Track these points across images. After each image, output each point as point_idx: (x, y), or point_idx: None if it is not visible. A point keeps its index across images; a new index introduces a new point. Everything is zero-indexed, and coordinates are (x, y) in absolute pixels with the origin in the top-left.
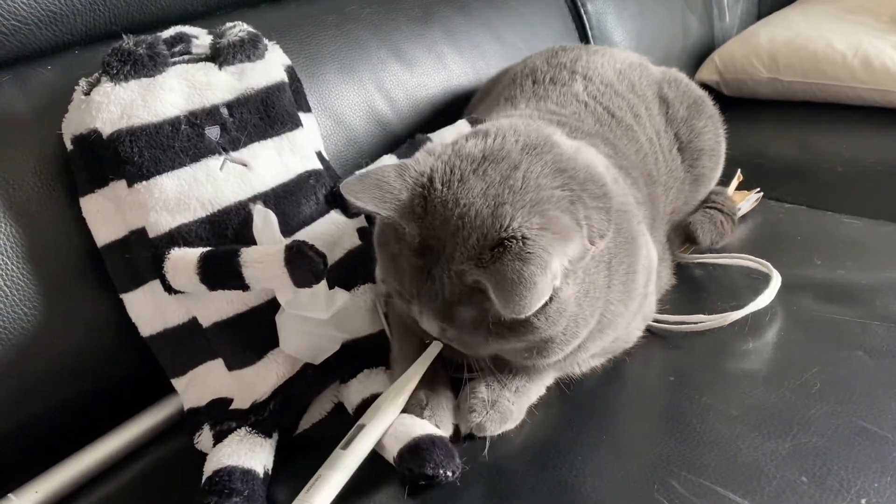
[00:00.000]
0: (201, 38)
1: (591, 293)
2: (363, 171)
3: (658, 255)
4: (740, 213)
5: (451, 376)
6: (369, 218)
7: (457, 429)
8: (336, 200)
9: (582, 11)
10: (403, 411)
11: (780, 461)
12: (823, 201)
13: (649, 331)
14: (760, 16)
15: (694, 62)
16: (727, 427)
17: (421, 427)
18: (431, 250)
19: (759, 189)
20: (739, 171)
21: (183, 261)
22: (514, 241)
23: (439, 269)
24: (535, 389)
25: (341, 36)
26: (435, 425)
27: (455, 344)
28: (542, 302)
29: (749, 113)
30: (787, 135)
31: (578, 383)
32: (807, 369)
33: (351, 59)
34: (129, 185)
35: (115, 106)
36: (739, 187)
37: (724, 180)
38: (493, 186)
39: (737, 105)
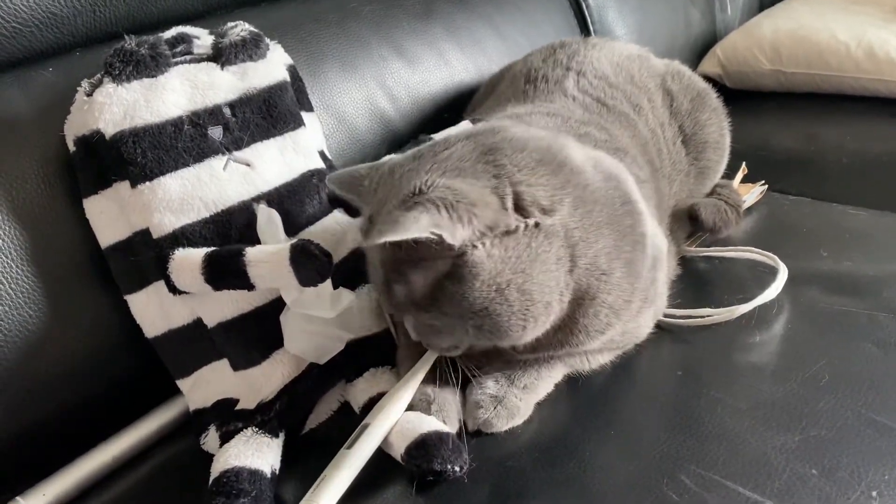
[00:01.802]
0: (203, 39)
1: (539, 263)
2: (347, 171)
3: None
4: (745, 206)
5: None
6: None
7: (464, 425)
8: (339, 199)
9: (583, 5)
10: (410, 408)
11: (789, 454)
12: (828, 193)
13: (657, 325)
14: (762, 7)
15: (696, 55)
16: (736, 421)
17: (428, 423)
18: (372, 227)
19: (763, 182)
20: (744, 163)
21: (187, 261)
22: (413, 195)
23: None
24: (544, 386)
25: (342, 34)
26: (442, 421)
27: (418, 336)
28: (400, 237)
29: (752, 105)
30: (791, 127)
31: (586, 379)
32: (815, 362)
33: (352, 56)
34: (133, 185)
35: (117, 106)
36: (744, 180)
37: (729, 173)
38: (424, 165)
39: (740, 97)
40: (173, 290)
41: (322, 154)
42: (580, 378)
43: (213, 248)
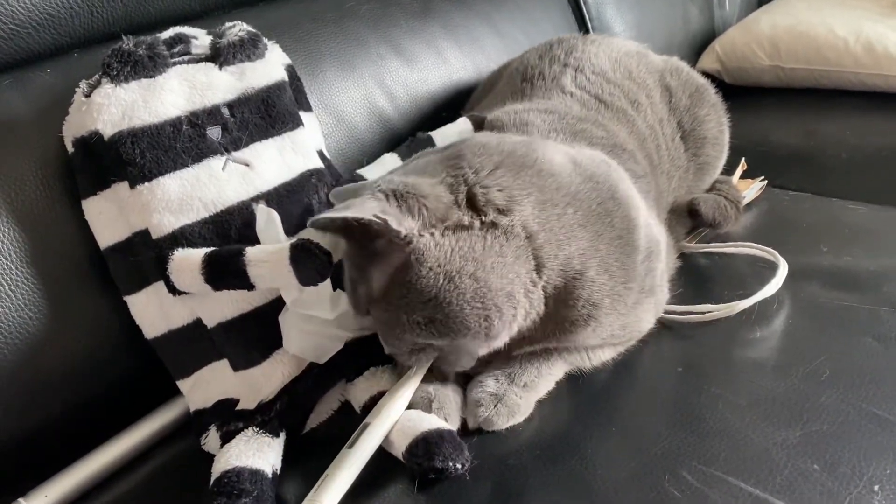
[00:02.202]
0: (201, 39)
1: (493, 258)
2: (351, 185)
3: None
4: (745, 202)
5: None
6: None
7: (465, 423)
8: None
9: (581, 3)
10: (411, 406)
11: (791, 450)
12: (828, 188)
13: (658, 321)
14: (760, 3)
15: (695, 51)
16: (737, 416)
17: (429, 421)
18: None
19: (763, 177)
20: (744, 159)
21: (187, 261)
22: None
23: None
24: (544, 384)
25: (340, 33)
26: (443, 419)
27: (380, 335)
28: (345, 215)
29: (751, 101)
30: (791, 122)
31: (587, 377)
32: (816, 357)
33: (350, 55)
34: (132, 186)
35: (115, 107)
36: (744, 176)
37: (728, 169)
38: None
39: (739, 93)
40: (173, 290)
41: (321, 153)
42: (581, 376)
43: (212, 249)
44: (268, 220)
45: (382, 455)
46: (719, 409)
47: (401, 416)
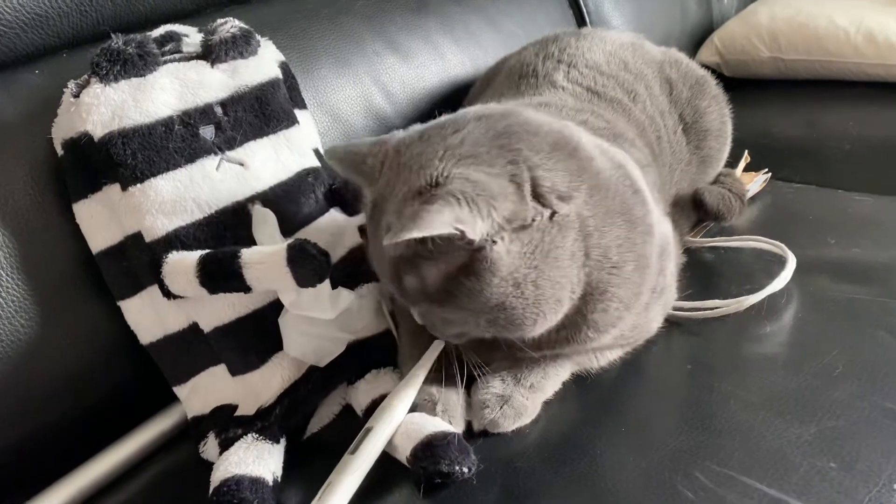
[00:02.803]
0: (192, 37)
1: (552, 258)
2: (352, 144)
3: None
4: (749, 195)
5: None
6: None
7: (470, 426)
8: (336, 198)
9: None
10: (414, 409)
11: (806, 448)
12: (832, 180)
13: (665, 319)
14: None
15: (693, 44)
16: (749, 414)
17: (433, 424)
18: (379, 214)
19: (766, 170)
20: (747, 152)
21: (182, 264)
22: (430, 186)
23: (381, 232)
24: (551, 385)
25: (334, 29)
26: (448, 422)
27: (424, 322)
28: (423, 233)
29: (752, 93)
30: (792, 114)
31: (595, 377)
32: (828, 352)
33: (345, 52)
34: (124, 188)
35: (105, 107)
36: (747, 168)
37: (732, 162)
38: (435, 148)
39: (739, 86)
40: (168, 294)
41: (317, 152)
42: (588, 375)
43: (207, 251)
44: (264, 221)
45: (386, 460)
46: (731, 407)
47: (404, 419)
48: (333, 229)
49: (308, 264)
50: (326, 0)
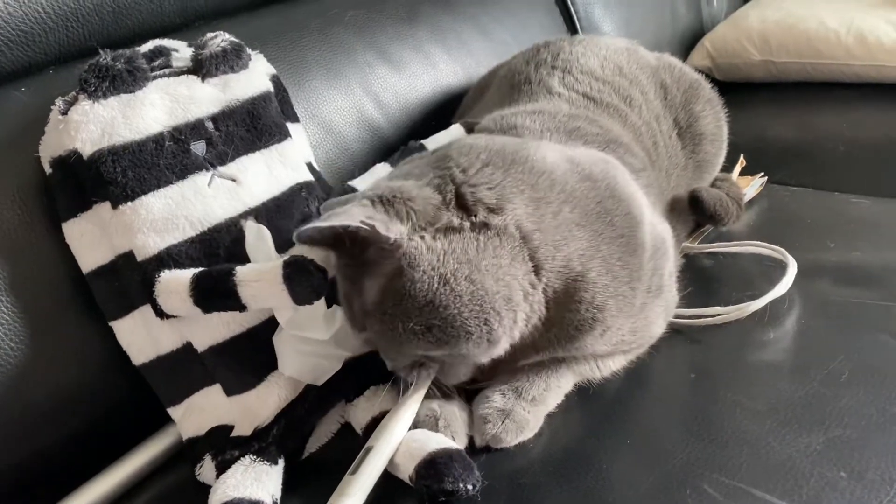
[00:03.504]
0: (182, 51)
1: (488, 259)
2: (342, 197)
3: None
4: (746, 199)
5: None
6: None
7: (472, 441)
8: None
9: (569, 3)
10: (416, 425)
11: (815, 457)
12: (828, 182)
13: (667, 326)
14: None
15: (684, 48)
16: (756, 423)
17: (436, 441)
18: None
19: (762, 173)
20: (742, 156)
21: (174, 283)
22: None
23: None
24: (553, 397)
25: (325, 40)
26: (450, 438)
27: (379, 349)
28: (331, 223)
29: (744, 97)
30: (786, 117)
31: (597, 387)
32: (833, 357)
33: (337, 63)
34: (114, 206)
35: (94, 125)
36: (743, 172)
37: (727, 166)
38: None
39: (731, 89)
40: (160, 314)
41: (310, 166)
42: (591, 387)
43: (201, 269)
44: (258, 237)
45: (388, 479)
46: (737, 417)
47: (405, 436)
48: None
49: (305, 281)
50: (316, 11)
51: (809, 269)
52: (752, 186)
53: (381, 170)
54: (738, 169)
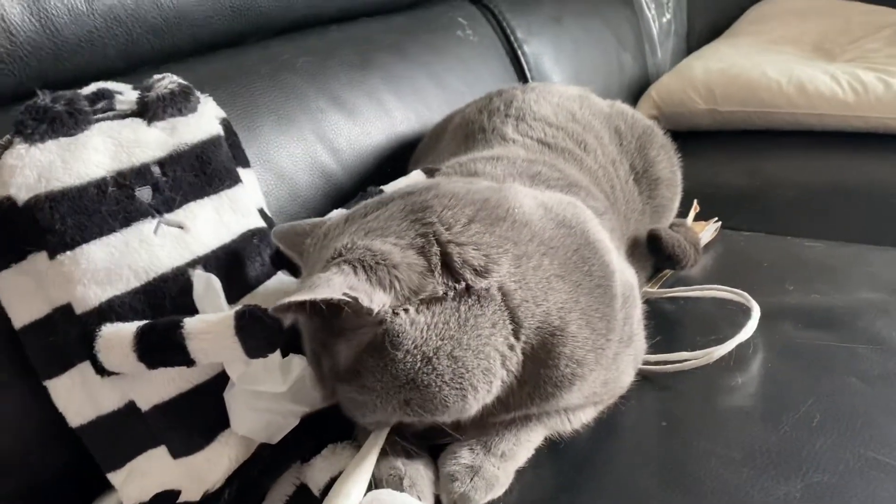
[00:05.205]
0: (126, 94)
1: (470, 330)
2: (296, 224)
3: None
4: (702, 244)
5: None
6: None
7: (438, 500)
8: (283, 261)
9: (520, 54)
10: (379, 485)
11: None
12: (779, 227)
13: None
14: (689, 50)
15: (632, 98)
16: (732, 472)
17: (402, 500)
18: None
19: (717, 218)
20: (696, 201)
21: (117, 338)
22: (332, 258)
23: None
24: (524, 451)
25: (277, 86)
26: (416, 497)
27: (344, 409)
28: (308, 297)
29: (692, 145)
30: (734, 164)
31: (568, 439)
32: (803, 401)
33: (288, 109)
34: (51, 256)
35: (30, 169)
36: (696, 218)
37: (682, 212)
38: (350, 227)
39: (679, 138)
40: (101, 371)
41: (262, 212)
42: (561, 440)
43: (145, 322)
44: (207, 287)
45: None
46: (713, 466)
47: (370, 497)
48: (282, 294)
49: (259, 333)
50: (267, 56)
51: (771, 313)
52: (706, 231)
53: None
54: (692, 214)
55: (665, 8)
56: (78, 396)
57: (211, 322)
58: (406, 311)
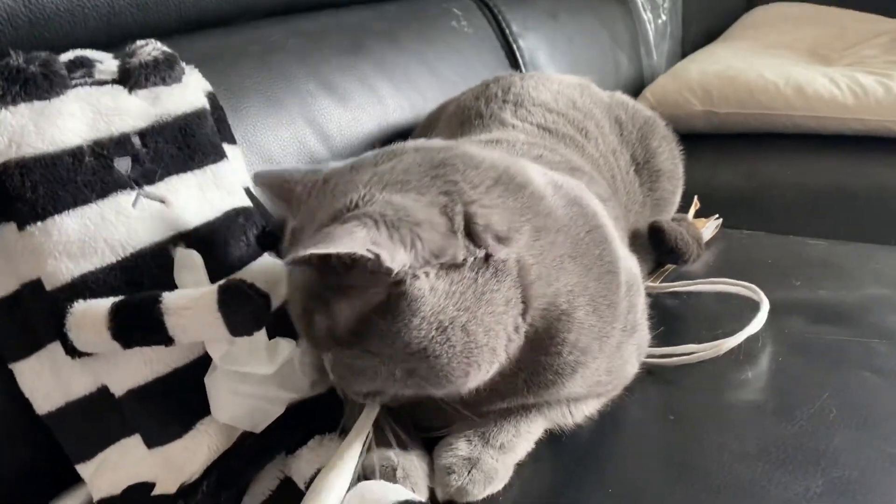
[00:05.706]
0: (106, 63)
1: (485, 303)
2: (279, 170)
3: None
4: (704, 240)
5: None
6: None
7: (434, 493)
8: (269, 242)
9: (515, 47)
10: (371, 476)
11: (817, 501)
12: (777, 228)
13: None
14: (684, 54)
15: None
16: (748, 467)
17: (395, 493)
18: (296, 243)
19: (717, 215)
20: (696, 197)
21: (90, 314)
22: (347, 209)
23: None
24: (523, 444)
25: (265, 67)
26: (410, 489)
27: (334, 375)
28: (331, 250)
29: (688, 147)
30: (730, 166)
31: (570, 432)
32: (817, 396)
33: (277, 91)
34: (21, 227)
35: (1, 134)
36: (697, 215)
37: (682, 207)
38: (362, 176)
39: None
40: (72, 352)
41: (248, 191)
42: (562, 433)
43: (120, 298)
44: (189, 265)
45: None
46: (725, 460)
47: (359, 488)
48: (268, 275)
49: (244, 308)
50: (256, 37)
51: (778, 308)
52: (708, 227)
53: None
54: (693, 210)
55: (660, 10)
56: (47, 380)
57: (192, 297)
58: (427, 274)
